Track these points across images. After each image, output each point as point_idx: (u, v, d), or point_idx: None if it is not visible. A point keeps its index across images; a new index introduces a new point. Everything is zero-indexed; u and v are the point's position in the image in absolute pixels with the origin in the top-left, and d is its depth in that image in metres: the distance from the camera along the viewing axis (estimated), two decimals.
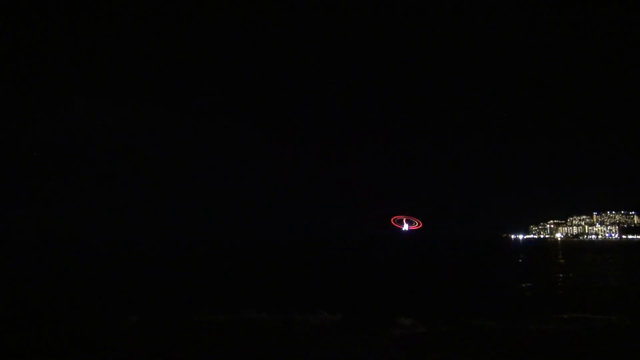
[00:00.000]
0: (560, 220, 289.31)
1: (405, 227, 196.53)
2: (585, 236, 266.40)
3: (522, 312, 19.92)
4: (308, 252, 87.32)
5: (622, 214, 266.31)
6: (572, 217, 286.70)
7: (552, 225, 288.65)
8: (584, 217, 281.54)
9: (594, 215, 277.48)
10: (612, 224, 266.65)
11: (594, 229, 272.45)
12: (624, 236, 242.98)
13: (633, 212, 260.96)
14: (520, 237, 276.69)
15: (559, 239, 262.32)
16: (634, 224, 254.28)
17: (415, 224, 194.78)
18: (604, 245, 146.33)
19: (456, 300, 23.39)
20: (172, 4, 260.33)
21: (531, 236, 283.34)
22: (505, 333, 15.50)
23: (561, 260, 62.90)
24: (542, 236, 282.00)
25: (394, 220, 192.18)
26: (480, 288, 29.76)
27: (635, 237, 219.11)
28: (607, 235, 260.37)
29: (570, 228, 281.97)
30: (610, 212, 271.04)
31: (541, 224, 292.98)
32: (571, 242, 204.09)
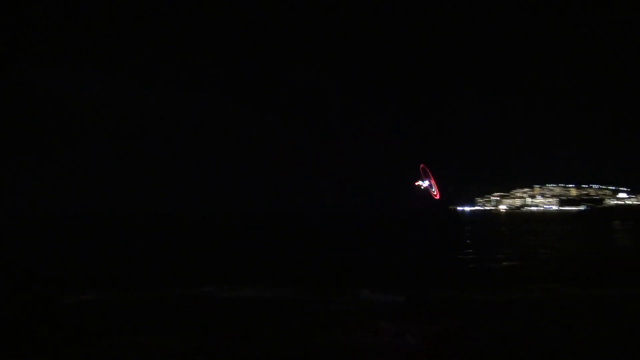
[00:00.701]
0: (504, 192, 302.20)
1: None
2: (527, 207, 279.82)
3: (474, 283, 20.58)
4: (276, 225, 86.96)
5: (561, 187, 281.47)
6: (515, 189, 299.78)
7: (496, 198, 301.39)
8: (526, 189, 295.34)
9: (535, 188, 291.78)
10: (551, 196, 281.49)
11: (535, 200, 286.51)
12: (562, 207, 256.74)
13: (571, 185, 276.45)
14: (467, 209, 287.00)
15: (503, 210, 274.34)
16: (571, 196, 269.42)
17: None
18: (544, 216, 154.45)
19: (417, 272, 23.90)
20: None
21: (477, 208, 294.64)
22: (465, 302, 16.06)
23: (504, 230, 65.85)
24: (486, 208, 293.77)
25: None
26: (432, 261, 30.48)
27: (572, 208, 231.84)
28: (546, 206, 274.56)
29: (513, 200, 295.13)
30: (550, 185, 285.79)
31: (486, 196, 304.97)
32: (514, 213, 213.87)
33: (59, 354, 10.53)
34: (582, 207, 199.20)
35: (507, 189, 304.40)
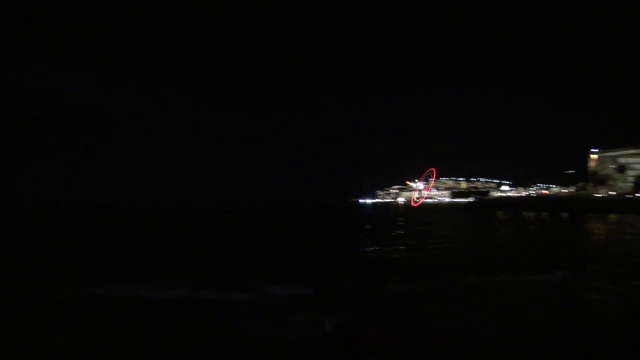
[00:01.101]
0: (403, 185, 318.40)
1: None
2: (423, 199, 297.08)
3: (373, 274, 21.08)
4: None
5: (452, 180, 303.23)
6: (411, 183, 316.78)
7: (395, 191, 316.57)
8: (424, 183, 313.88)
9: (431, 182, 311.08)
10: (444, 189, 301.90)
11: (430, 193, 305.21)
12: (454, 199, 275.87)
13: (461, 179, 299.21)
14: (369, 201, 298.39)
15: (401, 202, 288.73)
16: (462, 189, 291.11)
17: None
18: (438, 207, 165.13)
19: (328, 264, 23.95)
20: None
21: (377, 200, 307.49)
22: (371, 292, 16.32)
23: (401, 222, 69.19)
24: (387, 200, 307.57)
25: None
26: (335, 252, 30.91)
27: (462, 200, 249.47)
28: (440, 198, 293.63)
29: (411, 192, 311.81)
30: (443, 179, 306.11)
31: (386, 189, 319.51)
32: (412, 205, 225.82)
33: None
34: (471, 199, 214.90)
35: (404, 182, 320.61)
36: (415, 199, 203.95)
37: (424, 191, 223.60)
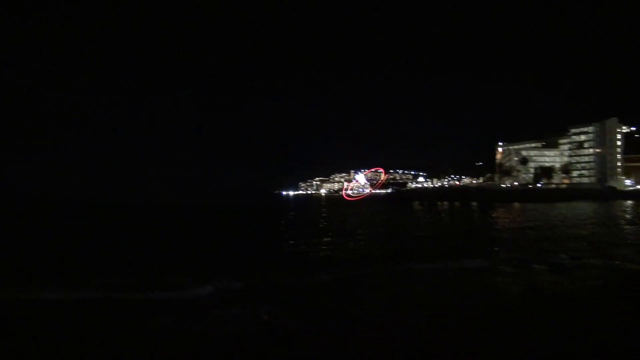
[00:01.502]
0: (325, 177, 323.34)
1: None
2: (343, 191, 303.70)
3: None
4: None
5: (372, 172, 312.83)
6: (334, 174, 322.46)
7: (318, 182, 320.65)
8: (343, 174, 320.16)
9: (351, 173, 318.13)
10: (365, 180, 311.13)
11: (351, 184, 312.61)
12: (373, 190, 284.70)
13: (380, 171, 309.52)
14: (291, 193, 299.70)
15: (323, 194, 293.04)
16: (380, 180, 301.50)
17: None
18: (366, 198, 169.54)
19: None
20: None
21: (300, 192, 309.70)
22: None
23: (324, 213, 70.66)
24: (309, 192, 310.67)
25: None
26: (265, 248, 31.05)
27: (381, 191, 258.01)
28: (360, 190, 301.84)
29: (333, 185, 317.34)
30: (363, 170, 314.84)
31: (308, 181, 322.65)
32: (333, 197, 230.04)
33: None
34: (390, 190, 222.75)
35: (327, 174, 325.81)
36: (349, 193, 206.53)
37: (364, 189, 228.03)
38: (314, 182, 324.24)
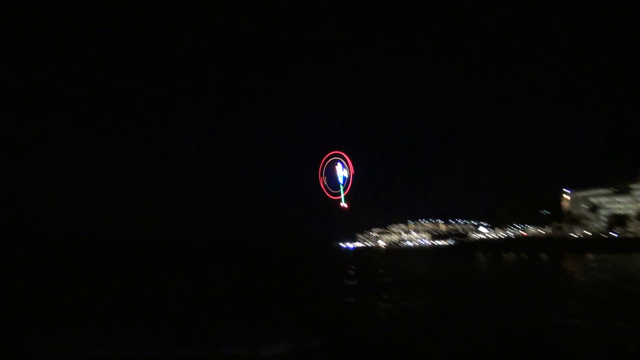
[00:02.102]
0: (382, 228, 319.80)
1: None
2: (403, 242, 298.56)
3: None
4: None
5: (431, 222, 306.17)
6: (391, 225, 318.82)
7: (376, 234, 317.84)
8: (401, 225, 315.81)
9: (409, 224, 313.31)
10: (424, 231, 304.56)
11: (410, 235, 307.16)
12: (434, 242, 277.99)
13: (440, 221, 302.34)
14: (350, 245, 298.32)
15: (382, 246, 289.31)
16: (441, 231, 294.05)
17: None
18: (419, 250, 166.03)
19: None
20: None
21: (358, 244, 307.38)
22: None
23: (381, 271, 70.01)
24: (367, 244, 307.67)
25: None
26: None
27: (442, 242, 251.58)
28: (420, 241, 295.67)
29: (391, 236, 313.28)
30: (422, 221, 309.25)
31: (366, 232, 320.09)
32: (393, 249, 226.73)
33: None
34: (450, 241, 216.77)
35: (384, 225, 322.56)
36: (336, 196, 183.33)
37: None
38: (372, 234, 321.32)
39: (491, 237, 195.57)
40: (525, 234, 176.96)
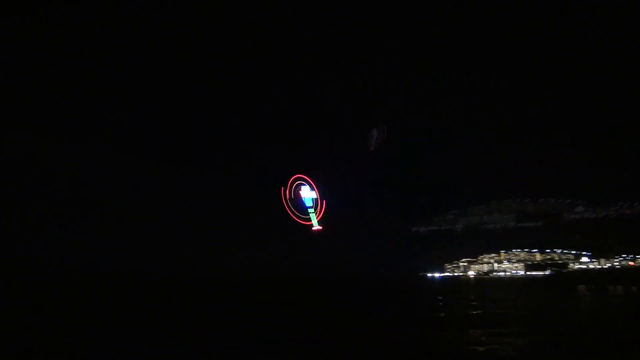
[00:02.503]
0: (472, 258, 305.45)
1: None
2: (495, 273, 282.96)
3: None
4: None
5: (526, 252, 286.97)
6: (482, 255, 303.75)
7: (464, 264, 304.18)
8: (493, 255, 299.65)
9: (502, 254, 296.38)
10: (517, 262, 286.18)
11: (502, 266, 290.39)
12: (528, 272, 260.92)
13: (535, 250, 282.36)
14: (437, 275, 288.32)
15: (472, 276, 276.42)
16: (536, 261, 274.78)
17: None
18: (512, 282, 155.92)
19: None
20: None
21: (446, 274, 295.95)
22: None
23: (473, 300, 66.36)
24: (456, 274, 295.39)
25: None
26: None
27: (538, 273, 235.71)
28: (513, 272, 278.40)
29: (481, 265, 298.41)
30: (516, 250, 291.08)
31: (454, 262, 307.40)
32: (483, 279, 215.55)
33: None
34: (547, 272, 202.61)
35: (474, 254, 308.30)
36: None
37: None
38: (461, 264, 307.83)
39: (594, 267, 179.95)
40: (633, 263, 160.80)
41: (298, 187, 31.31)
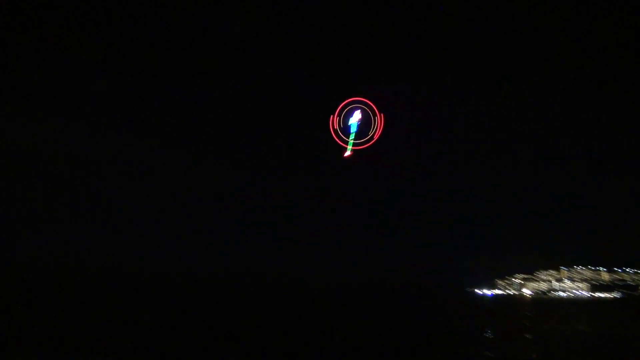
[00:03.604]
0: (527, 274, 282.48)
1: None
2: (554, 292, 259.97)
3: None
4: None
5: (591, 270, 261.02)
6: (539, 271, 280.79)
7: (519, 281, 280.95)
8: (552, 272, 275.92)
9: (562, 271, 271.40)
10: (581, 281, 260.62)
11: (563, 285, 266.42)
12: (593, 293, 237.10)
13: (602, 268, 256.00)
14: (487, 292, 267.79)
15: (528, 295, 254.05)
16: (603, 281, 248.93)
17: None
18: (576, 304, 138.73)
19: None
20: None
21: (498, 291, 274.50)
22: None
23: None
24: (509, 291, 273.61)
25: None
26: None
27: (604, 294, 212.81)
28: (576, 292, 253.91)
29: (538, 283, 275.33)
30: (579, 268, 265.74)
31: (507, 278, 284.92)
32: (541, 300, 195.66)
33: None
34: (616, 294, 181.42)
35: (530, 270, 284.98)
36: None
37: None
38: (515, 280, 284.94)
39: None
40: None
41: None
